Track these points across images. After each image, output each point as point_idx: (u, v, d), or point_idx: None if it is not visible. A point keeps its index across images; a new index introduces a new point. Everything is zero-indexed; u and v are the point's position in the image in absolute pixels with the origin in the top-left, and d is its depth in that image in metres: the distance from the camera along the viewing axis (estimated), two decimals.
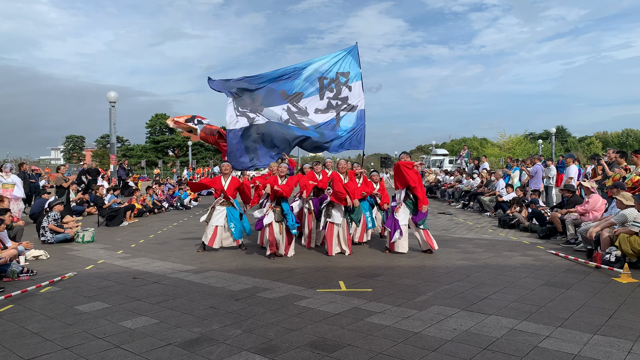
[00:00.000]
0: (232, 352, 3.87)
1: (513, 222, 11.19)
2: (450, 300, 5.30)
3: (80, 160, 61.20)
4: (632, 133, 68.37)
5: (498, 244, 9.02)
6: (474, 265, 7.14)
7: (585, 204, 8.92)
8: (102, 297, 5.62)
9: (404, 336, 4.18)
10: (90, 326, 4.57)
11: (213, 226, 8.50)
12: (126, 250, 8.86)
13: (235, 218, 8.58)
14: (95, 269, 7.32)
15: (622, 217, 6.84)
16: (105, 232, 11.37)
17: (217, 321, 4.67)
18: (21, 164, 16.38)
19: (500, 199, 13.57)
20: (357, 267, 7.18)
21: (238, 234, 8.58)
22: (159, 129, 64.95)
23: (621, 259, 6.58)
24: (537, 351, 3.78)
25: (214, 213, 8.62)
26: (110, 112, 16.49)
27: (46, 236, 9.75)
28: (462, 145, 30.97)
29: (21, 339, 4.25)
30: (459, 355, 3.73)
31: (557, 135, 60.13)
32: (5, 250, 6.88)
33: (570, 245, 8.58)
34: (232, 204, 8.69)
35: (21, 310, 5.15)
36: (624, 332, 4.20)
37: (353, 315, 4.79)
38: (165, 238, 10.35)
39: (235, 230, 8.52)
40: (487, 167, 17.93)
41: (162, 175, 32.61)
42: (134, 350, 3.94)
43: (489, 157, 28.35)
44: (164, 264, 7.55)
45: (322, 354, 3.81)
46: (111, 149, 17.41)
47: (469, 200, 15.81)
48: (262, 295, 5.64)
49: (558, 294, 5.46)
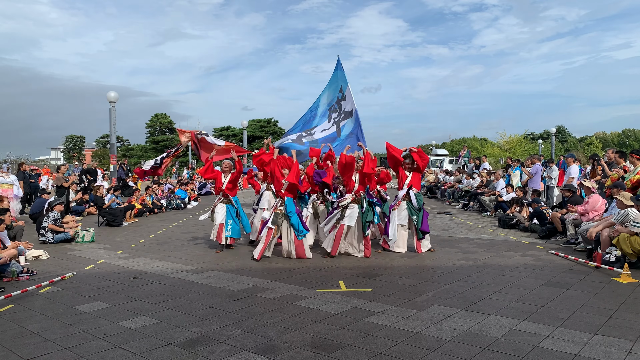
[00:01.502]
0: (232, 352, 3.87)
1: (513, 222, 11.19)
2: (450, 300, 5.30)
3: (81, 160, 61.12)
4: (631, 133, 68.36)
5: (498, 244, 9.02)
6: (474, 265, 7.14)
7: (585, 204, 8.92)
8: (102, 297, 5.62)
9: (404, 336, 4.18)
10: (90, 326, 4.57)
11: (218, 224, 8.55)
12: (126, 250, 8.86)
13: (233, 216, 8.57)
14: (95, 269, 7.32)
15: (622, 217, 6.84)
16: (105, 232, 11.37)
17: (217, 321, 4.67)
18: (21, 164, 16.39)
19: (500, 199, 13.57)
20: (357, 267, 7.18)
21: (236, 233, 8.56)
22: (159, 129, 64.92)
23: (621, 259, 6.58)
24: (537, 351, 3.78)
25: (216, 211, 8.63)
26: (110, 112, 16.49)
27: (46, 236, 9.75)
28: (462, 146, 30.95)
29: (21, 339, 4.25)
30: (459, 355, 3.73)
31: (557, 135, 60.11)
32: (5, 250, 6.87)
33: (570, 245, 8.58)
34: (230, 201, 8.67)
35: (21, 310, 5.15)
36: (624, 332, 4.20)
37: (353, 315, 4.79)
38: (165, 238, 10.35)
39: (232, 229, 8.50)
40: (487, 167, 17.94)
41: (162, 175, 32.57)
42: (134, 350, 3.94)
43: (488, 157, 28.29)
44: (164, 264, 7.55)
45: (322, 354, 3.81)
46: (111, 149, 17.41)
47: (469, 200, 15.80)
48: (262, 295, 5.64)
49: (558, 294, 5.46)
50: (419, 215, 8.13)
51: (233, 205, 8.68)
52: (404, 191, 8.23)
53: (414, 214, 8.12)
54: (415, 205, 8.17)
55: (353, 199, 7.79)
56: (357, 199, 7.82)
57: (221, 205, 8.66)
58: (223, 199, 8.70)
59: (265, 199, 9.33)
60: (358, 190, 7.82)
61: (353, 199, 7.79)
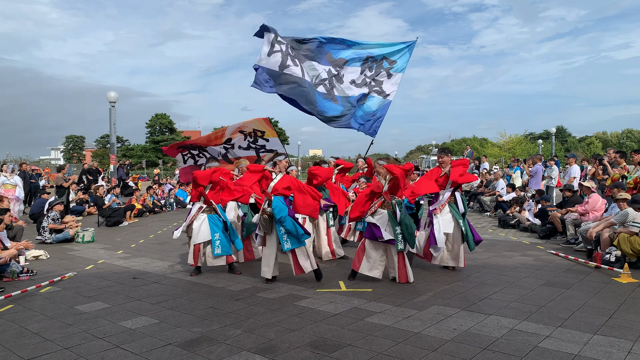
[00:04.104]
0: (232, 352, 3.87)
1: (513, 222, 11.20)
2: (450, 300, 5.30)
3: (81, 160, 61.08)
4: (631, 134, 68.33)
5: (498, 244, 9.02)
6: (474, 265, 7.13)
7: (585, 204, 8.92)
8: (102, 297, 5.62)
9: (404, 336, 4.17)
10: (90, 326, 4.57)
11: (193, 244, 6.69)
12: (126, 250, 8.86)
13: (220, 228, 6.77)
14: (95, 269, 7.32)
15: (622, 217, 6.84)
16: (105, 232, 11.37)
17: (217, 321, 4.67)
18: (21, 164, 16.42)
19: (500, 199, 13.58)
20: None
21: (224, 248, 6.70)
22: (159, 129, 64.91)
23: (621, 259, 6.58)
24: (537, 351, 3.78)
25: (194, 227, 6.77)
26: (110, 112, 16.48)
27: (46, 236, 9.75)
28: (465, 146, 30.99)
29: (21, 339, 4.25)
30: (459, 355, 3.73)
31: (557, 135, 60.07)
32: (5, 250, 6.87)
33: (570, 245, 8.58)
34: (214, 209, 6.89)
35: (21, 310, 5.15)
36: (624, 332, 4.20)
37: (353, 315, 4.79)
38: (165, 238, 10.35)
39: (221, 244, 6.68)
40: (488, 167, 17.94)
41: (163, 175, 32.57)
42: (134, 350, 3.94)
43: (488, 157, 28.28)
44: (164, 264, 7.55)
45: (322, 354, 3.81)
46: (111, 149, 17.39)
47: (469, 200, 15.80)
48: (262, 295, 5.64)
49: (558, 294, 5.46)
50: (464, 222, 6.78)
51: (218, 214, 6.89)
52: (448, 192, 6.79)
53: (460, 219, 6.73)
54: (462, 210, 6.80)
55: (381, 204, 6.26)
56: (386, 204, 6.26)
57: (201, 215, 6.80)
58: (204, 207, 6.87)
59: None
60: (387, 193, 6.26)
61: (381, 204, 6.26)
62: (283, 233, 6.07)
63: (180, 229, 7.05)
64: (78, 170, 27.75)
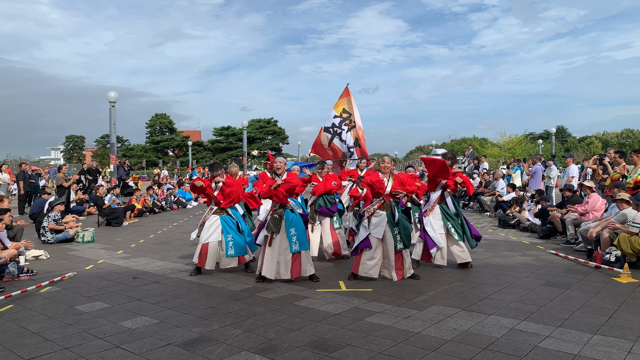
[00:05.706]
0: (232, 352, 3.87)
1: (513, 222, 11.20)
2: (450, 300, 5.30)
3: (81, 160, 61.09)
4: (631, 134, 68.35)
5: (498, 244, 9.02)
6: (474, 265, 7.13)
7: (585, 204, 8.92)
8: (102, 297, 5.62)
9: (404, 336, 4.18)
10: (90, 326, 4.57)
11: (202, 243, 6.68)
12: (126, 250, 8.87)
13: (233, 229, 6.77)
14: (95, 269, 7.32)
15: (622, 217, 6.84)
16: (105, 232, 11.38)
17: (217, 321, 4.67)
18: (21, 164, 16.42)
19: (500, 199, 13.57)
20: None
21: (238, 249, 6.70)
22: (159, 129, 64.91)
23: (621, 259, 6.58)
24: (537, 351, 3.78)
25: (205, 226, 6.82)
26: (110, 112, 16.50)
27: (46, 236, 9.75)
28: (467, 146, 31.02)
29: (21, 339, 4.25)
30: (459, 355, 3.73)
31: (557, 135, 60.06)
32: (5, 250, 6.88)
33: (570, 245, 8.58)
34: (227, 212, 6.90)
35: (21, 310, 5.15)
36: (624, 332, 4.20)
37: (353, 315, 4.79)
38: (165, 238, 10.35)
39: (234, 245, 6.67)
40: (487, 167, 17.95)
41: (171, 175, 32.63)
42: (134, 350, 3.94)
43: (488, 157, 28.28)
44: (164, 264, 7.55)
45: (322, 354, 3.81)
46: (111, 149, 17.42)
47: (469, 200, 15.81)
48: (262, 295, 5.64)
49: (558, 294, 5.46)
50: (456, 221, 6.87)
51: (231, 215, 6.92)
52: (437, 193, 6.90)
53: (450, 220, 6.84)
54: (452, 210, 6.89)
55: (380, 205, 6.25)
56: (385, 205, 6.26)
57: (213, 217, 6.84)
58: (216, 209, 6.89)
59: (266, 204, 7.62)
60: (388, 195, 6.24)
61: (380, 205, 6.25)
62: (293, 235, 6.12)
63: (197, 230, 7.01)
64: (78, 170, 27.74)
